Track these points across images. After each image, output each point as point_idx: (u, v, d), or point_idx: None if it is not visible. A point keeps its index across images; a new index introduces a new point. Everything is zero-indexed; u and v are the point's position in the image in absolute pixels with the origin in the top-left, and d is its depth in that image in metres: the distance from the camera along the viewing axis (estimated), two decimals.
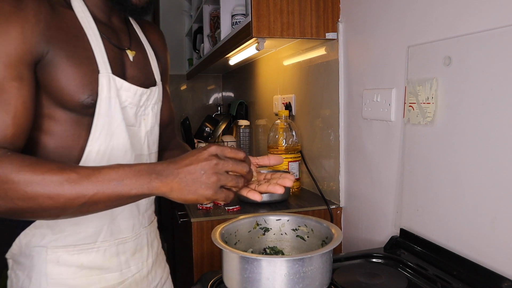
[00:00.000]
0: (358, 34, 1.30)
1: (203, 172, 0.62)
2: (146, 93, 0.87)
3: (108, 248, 0.85)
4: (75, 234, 0.81)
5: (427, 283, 0.85)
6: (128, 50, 0.86)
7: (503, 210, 0.79)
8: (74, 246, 0.81)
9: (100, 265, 0.84)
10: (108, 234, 0.84)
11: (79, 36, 0.76)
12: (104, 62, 0.77)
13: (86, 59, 0.75)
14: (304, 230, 0.93)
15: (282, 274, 0.71)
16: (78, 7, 0.77)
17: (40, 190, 0.61)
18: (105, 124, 0.78)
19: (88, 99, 0.75)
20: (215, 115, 2.90)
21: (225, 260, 0.78)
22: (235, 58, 1.98)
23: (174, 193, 0.63)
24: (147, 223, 0.94)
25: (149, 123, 0.89)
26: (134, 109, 0.85)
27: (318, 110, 1.56)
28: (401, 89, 1.09)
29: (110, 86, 0.78)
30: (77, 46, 0.75)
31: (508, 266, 0.78)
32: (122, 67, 0.84)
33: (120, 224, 0.86)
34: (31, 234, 0.80)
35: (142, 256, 0.92)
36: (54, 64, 0.72)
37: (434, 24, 0.97)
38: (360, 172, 1.32)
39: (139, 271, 0.91)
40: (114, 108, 0.79)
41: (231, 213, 1.36)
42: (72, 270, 0.81)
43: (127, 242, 0.88)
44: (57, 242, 0.80)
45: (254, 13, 1.31)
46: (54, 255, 0.80)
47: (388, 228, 1.17)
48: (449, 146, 0.92)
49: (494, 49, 0.80)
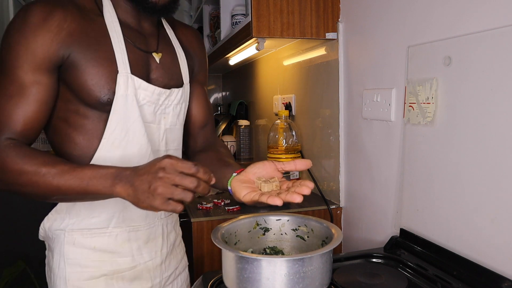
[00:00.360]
0: (358, 34, 1.30)
1: (149, 184, 0.68)
2: (166, 93, 0.91)
3: (120, 234, 0.90)
4: (89, 218, 0.88)
5: (427, 283, 0.85)
6: (154, 53, 0.91)
7: (503, 210, 0.79)
8: (88, 229, 0.88)
9: (112, 249, 0.90)
10: (120, 220, 0.90)
11: (103, 41, 0.83)
12: (124, 63, 0.83)
13: (107, 61, 0.82)
14: (304, 230, 0.93)
15: (282, 274, 0.71)
16: (108, 13, 0.85)
17: (28, 179, 0.75)
18: (121, 119, 0.85)
19: (105, 97, 0.82)
20: (215, 115, 2.90)
21: (225, 260, 0.78)
22: (235, 58, 1.98)
23: (130, 199, 0.71)
24: (163, 215, 0.98)
25: (169, 122, 0.94)
26: (153, 107, 0.90)
27: (318, 110, 1.56)
28: (401, 89, 1.09)
29: (127, 85, 0.84)
30: (98, 50, 0.82)
31: (508, 266, 0.78)
32: (147, 69, 0.89)
33: (132, 212, 0.91)
34: (53, 219, 0.90)
35: (156, 245, 0.96)
36: (75, 66, 0.80)
37: (434, 24, 0.97)
38: (360, 172, 1.31)
39: (151, 259, 0.95)
40: (131, 105, 0.85)
41: (231, 213, 1.36)
42: (85, 251, 0.88)
43: (139, 230, 0.93)
44: (74, 225, 0.88)
45: (254, 13, 1.31)
46: (70, 237, 0.88)
47: (388, 228, 1.17)
48: (449, 146, 0.92)
49: (494, 49, 0.80)
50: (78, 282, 0.88)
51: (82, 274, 0.88)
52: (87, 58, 0.81)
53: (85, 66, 0.80)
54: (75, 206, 0.88)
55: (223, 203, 1.46)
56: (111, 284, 0.90)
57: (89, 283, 0.88)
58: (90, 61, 0.81)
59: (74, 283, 0.87)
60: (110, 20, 0.85)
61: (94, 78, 0.81)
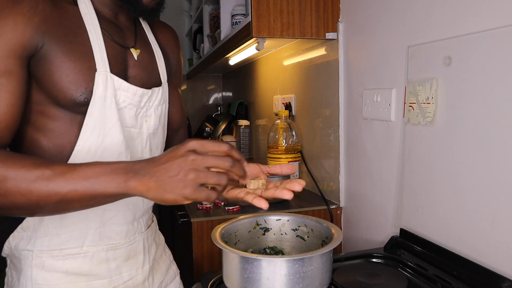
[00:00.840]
0: (358, 34, 1.30)
1: (179, 170, 0.57)
2: (147, 94, 0.83)
3: (96, 253, 0.81)
4: (59, 236, 0.78)
5: (427, 283, 0.85)
6: (132, 49, 0.84)
7: (503, 210, 0.79)
8: (60, 250, 0.78)
9: (87, 272, 0.80)
10: (96, 238, 0.81)
11: (79, 32, 0.74)
12: (102, 60, 0.75)
13: (83, 55, 0.73)
14: (304, 230, 0.93)
15: (282, 274, 0.71)
16: (83, 3, 0.76)
17: (12, 186, 0.59)
18: (98, 123, 0.75)
19: (81, 96, 0.73)
20: (215, 115, 2.90)
21: (225, 260, 0.78)
22: (235, 58, 1.98)
23: (151, 193, 0.59)
24: (143, 229, 0.90)
25: (151, 125, 0.86)
26: (134, 110, 0.82)
27: (318, 110, 1.56)
28: (401, 89, 1.09)
29: (107, 85, 0.75)
30: (74, 42, 0.73)
31: (508, 266, 0.78)
32: (124, 66, 0.82)
33: (111, 229, 0.82)
34: (19, 237, 0.80)
35: (137, 262, 0.87)
36: (48, 59, 0.70)
37: (434, 24, 0.97)
38: (360, 172, 1.31)
39: (131, 278, 0.86)
40: (109, 108, 0.76)
41: (231, 213, 1.36)
42: (56, 275, 0.78)
43: (118, 249, 0.84)
44: (42, 246, 0.78)
45: (254, 13, 1.31)
46: (39, 260, 0.78)
47: (388, 228, 1.17)
48: (449, 146, 0.92)
49: (494, 49, 0.80)
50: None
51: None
52: (62, 50, 0.71)
53: (60, 59, 0.71)
54: (42, 222, 0.78)
55: (223, 203, 1.46)
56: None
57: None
58: (65, 53, 0.71)
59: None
60: (85, 10, 0.76)
61: (70, 74, 0.71)
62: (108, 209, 0.81)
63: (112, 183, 0.59)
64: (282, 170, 0.75)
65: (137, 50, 0.85)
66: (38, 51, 0.70)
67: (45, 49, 0.70)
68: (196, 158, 0.57)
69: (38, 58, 0.70)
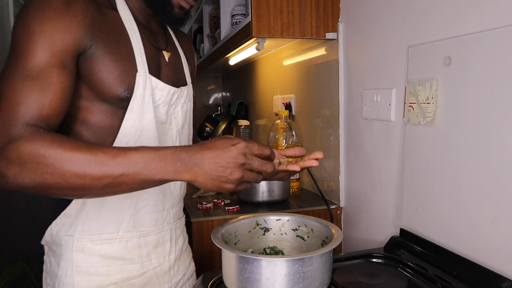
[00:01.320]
0: (358, 34, 1.30)
1: (230, 171, 0.66)
2: (177, 92, 0.92)
3: (130, 239, 0.88)
4: (98, 222, 0.85)
5: (427, 283, 0.85)
6: (164, 51, 0.92)
7: (503, 210, 0.79)
8: (98, 235, 0.85)
9: (122, 256, 0.87)
10: (130, 225, 0.88)
11: (121, 35, 0.82)
12: (142, 62, 0.83)
13: (126, 56, 0.81)
14: (304, 230, 0.93)
15: (282, 274, 0.71)
16: (123, 10, 0.84)
17: (68, 166, 0.63)
18: (136, 119, 0.83)
19: (125, 92, 0.80)
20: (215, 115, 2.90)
21: (225, 260, 0.78)
22: (235, 58, 1.98)
23: (197, 182, 0.67)
24: (172, 219, 0.96)
25: (179, 122, 0.94)
26: (166, 108, 0.90)
27: (318, 110, 1.56)
28: (401, 89, 1.09)
29: (145, 85, 0.83)
30: (118, 43, 0.80)
31: (508, 266, 0.78)
32: (158, 67, 0.89)
33: (143, 217, 0.89)
34: (61, 224, 0.85)
35: (164, 250, 0.94)
36: (96, 58, 0.77)
37: (434, 24, 0.97)
38: (360, 172, 1.31)
39: (160, 265, 0.93)
40: (146, 106, 0.84)
41: (231, 213, 1.36)
42: (95, 259, 0.85)
43: (149, 236, 0.91)
44: (83, 231, 0.85)
45: (254, 13, 1.31)
46: (79, 243, 0.85)
47: (388, 228, 1.17)
48: (449, 146, 0.92)
49: (494, 49, 0.80)
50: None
51: (91, 282, 0.85)
52: (108, 51, 0.78)
53: (107, 59, 0.78)
54: (83, 209, 0.85)
55: (223, 203, 1.46)
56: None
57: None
58: (111, 53, 0.79)
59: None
60: (125, 16, 0.84)
61: (115, 72, 0.79)
62: (141, 198, 0.88)
63: (161, 170, 0.65)
64: (296, 152, 0.91)
65: (168, 53, 0.93)
66: (87, 50, 0.76)
67: (93, 49, 0.77)
68: (244, 162, 0.66)
69: (87, 57, 0.77)
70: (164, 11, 0.86)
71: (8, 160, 0.62)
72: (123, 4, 0.85)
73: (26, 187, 0.63)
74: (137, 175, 0.65)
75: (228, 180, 0.66)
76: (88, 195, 0.67)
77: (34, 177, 0.63)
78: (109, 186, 0.65)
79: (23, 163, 0.62)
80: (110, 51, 0.78)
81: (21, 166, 0.62)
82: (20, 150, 0.63)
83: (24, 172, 0.62)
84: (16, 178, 0.62)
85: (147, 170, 0.65)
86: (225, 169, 0.66)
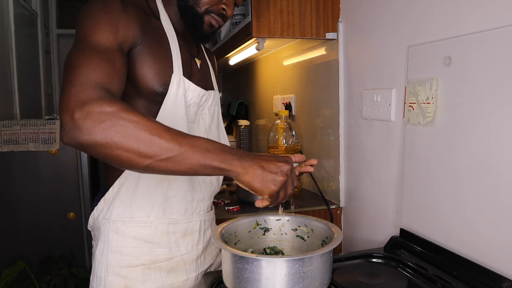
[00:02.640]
0: (358, 34, 1.30)
1: (277, 171, 0.73)
2: (206, 94, 1.01)
3: (160, 225, 0.95)
4: (131, 206, 0.93)
5: (427, 283, 0.85)
6: (196, 59, 1.03)
7: (503, 210, 0.79)
8: (130, 218, 0.93)
9: (152, 239, 0.94)
10: (160, 212, 0.95)
11: (162, 40, 0.92)
12: (178, 65, 0.92)
13: (165, 57, 0.91)
14: (304, 230, 0.93)
15: (282, 274, 0.71)
16: (165, 20, 0.95)
17: (143, 131, 0.66)
18: (168, 116, 0.90)
19: (161, 88, 0.89)
20: None
21: (225, 260, 0.78)
22: (235, 58, 1.98)
23: (246, 177, 0.72)
24: (202, 211, 1.02)
25: (207, 122, 1.03)
26: (196, 108, 0.99)
27: (318, 110, 1.56)
28: (401, 89, 1.09)
29: (179, 86, 0.92)
30: (160, 46, 0.90)
31: (508, 266, 0.78)
32: (190, 70, 0.99)
33: (172, 205, 0.96)
34: (100, 209, 0.94)
35: (193, 240, 1.00)
36: (140, 55, 0.87)
37: (434, 24, 0.97)
38: (360, 172, 1.31)
39: (188, 253, 0.99)
40: (179, 104, 0.92)
41: (231, 213, 1.36)
42: (127, 240, 0.93)
43: (178, 223, 0.97)
44: (118, 215, 0.93)
45: (254, 13, 1.31)
46: (114, 226, 0.93)
47: (388, 228, 1.17)
48: (449, 146, 0.92)
49: (494, 49, 0.80)
50: (117, 269, 0.92)
51: (122, 261, 0.92)
52: (151, 50, 0.88)
53: (149, 57, 0.87)
54: (119, 195, 0.93)
55: (223, 203, 1.46)
56: (148, 274, 0.93)
57: (127, 271, 0.92)
58: (153, 53, 0.88)
59: (114, 269, 0.92)
60: (167, 25, 0.94)
61: (155, 68, 0.88)
62: (171, 187, 0.95)
63: (220, 158, 0.70)
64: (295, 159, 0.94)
65: (199, 60, 1.05)
66: (136, 46, 0.86)
67: (140, 46, 0.87)
68: (290, 175, 0.76)
69: (134, 52, 0.86)
70: (195, 25, 0.96)
71: (87, 114, 0.64)
72: (165, 15, 0.96)
73: (95, 143, 0.64)
74: (201, 155, 0.68)
75: (274, 181, 0.73)
76: (148, 165, 0.67)
77: (107, 135, 0.64)
78: (171, 160, 0.67)
79: (101, 120, 0.64)
80: (152, 51, 0.88)
81: (99, 122, 0.64)
82: (102, 107, 0.65)
83: (99, 128, 0.64)
84: (90, 132, 0.64)
85: (208, 155, 0.69)
86: (275, 171, 0.73)
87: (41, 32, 3.27)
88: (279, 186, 0.73)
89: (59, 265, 1.89)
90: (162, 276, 0.95)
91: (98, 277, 0.93)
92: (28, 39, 3.03)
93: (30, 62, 3.02)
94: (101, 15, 0.79)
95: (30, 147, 1.92)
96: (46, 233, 1.96)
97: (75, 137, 0.64)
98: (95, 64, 0.73)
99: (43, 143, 1.93)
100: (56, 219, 1.97)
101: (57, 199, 1.97)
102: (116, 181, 0.93)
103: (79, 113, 0.64)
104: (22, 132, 1.93)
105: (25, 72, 2.81)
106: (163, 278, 0.95)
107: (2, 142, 1.91)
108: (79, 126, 0.64)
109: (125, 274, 0.92)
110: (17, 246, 1.95)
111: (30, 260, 1.91)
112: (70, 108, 0.65)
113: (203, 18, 0.95)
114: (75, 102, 0.66)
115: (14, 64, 2.57)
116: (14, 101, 2.58)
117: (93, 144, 0.64)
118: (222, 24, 0.98)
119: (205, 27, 0.96)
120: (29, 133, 1.93)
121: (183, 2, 0.95)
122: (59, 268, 1.88)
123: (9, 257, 1.91)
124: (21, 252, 1.94)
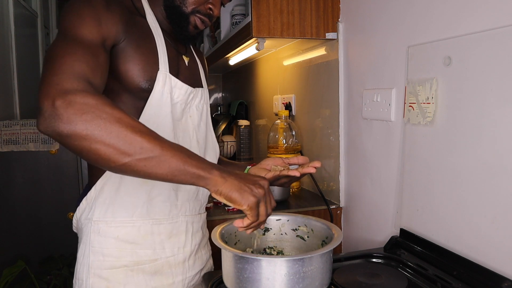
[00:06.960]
0: (358, 34, 1.30)
1: (254, 183, 0.73)
2: (193, 92, 0.99)
3: (143, 225, 0.92)
4: (113, 206, 0.91)
5: (427, 283, 0.85)
6: (184, 56, 1.02)
7: (503, 210, 0.79)
8: (113, 218, 0.91)
9: (134, 240, 0.92)
10: (144, 212, 0.92)
11: (148, 37, 0.91)
12: (164, 62, 0.91)
13: (151, 54, 0.89)
14: (304, 230, 0.93)
15: (282, 274, 0.71)
16: (151, 18, 0.94)
17: (124, 128, 0.64)
18: (153, 113, 0.89)
19: (146, 84, 0.88)
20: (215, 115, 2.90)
21: (225, 260, 0.78)
22: (235, 58, 1.98)
23: (224, 186, 0.70)
24: (187, 212, 1.00)
25: (195, 120, 1.01)
26: (183, 106, 0.97)
27: (318, 110, 1.56)
28: (401, 89, 1.09)
29: (165, 83, 0.90)
30: (145, 42, 0.89)
31: (508, 266, 0.78)
32: (178, 68, 0.98)
33: (156, 205, 0.94)
34: (83, 209, 0.93)
35: (179, 242, 0.97)
36: (125, 51, 0.86)
37: (434, 24, 0.97)
38: (360, 172, 1.31)
39: (173, 255, 0.96)
40: (164, 102, 0.91)
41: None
42: (109, 241, 0.91)
43: (162, 224, 0.95)
44: (100, 215, 0.91)
45: (254, 13, 1.31)
46: (96, 226, 0.91)
47: (388, 228, 1.17)
48: (449, 146, 0.92)
49: (494, 49, 0.80)
50: (99, 271, 0.90)
51: (104, 263, 0.90)
52: (136, 46, 0.87)
53: (134, 52, 0.86)
54: (101, 194, 0.90)
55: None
56: (131, 276, 0.91)
57: (109, 272, 0.90)
58: (139, 49, 0.87)
59: (96, 271, 0.90)
60: (153, 23, 0.93)
61: (140, 64, 0.87)
62: (155, 187, 0.93)
63: (199, 166, 0.68)
64: (299, 161, 0.98)
65: (187, 58, 1.03)
66: (119, 43, 0.85)
67: (124, 42, 0.86)
68: (267, 191, 0.75)
69: (118, 49, 0.85)
70: (180, 25, 0.95)
71: (70, 103, 0.63)
72: (151, 14, 0.95)
73: (74, 134, 0.63)
74: (181, 160, 0.67)
75: (252, 193, 0.71)
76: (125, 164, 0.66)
77: (87, 127, 0.63)
78: (151, 160, 0.65)
79: (84, 111, 0.63)
80: (137, 47, 0.87)
81: (81, 112, 0.63)
82: (85, 99, 0.64)
83: (80, 119, 0.62)
84: (70, 122, 0.62)
85: (191, 160, 0.68)
86: (252, 183, 0.72)
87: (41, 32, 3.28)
88: (258, 197, 0.71)
89: (59, 265, 1.89)
90: (145, 279, 0.92)
91: (80, 279, 0.91)
92: (28, 39, 3.03)
93: (30, 62, 3.02)
94: (85, 10, 0.79)
95: (30, 147, 1.92)
96: (46, 233, 1.96)
97: (54, 125, 0.62)
98: (79, 55, 0.72)
99: (43, 143, 1.94)
100: (56, 219, 1.97)
101: (57, 199, 1.97)
102: (98, 180, 0.90)
103: (61, 101, 0.63)
104: (22, 132, 1.93)
105: (25, 72, 2.81)
106: (146, 281, 0.92)
107: (2, 142, 1.91)
108: (59, 114, 0.62)
109: (106, 276, 0.90)
110: (17, 246, 1.95)
111: (30, 260, 1.92)
112: (51, 95, 0.63)
113: (189, 18, 0.94)
114: (57, 90, 0.64)
115: (14, 64, 2.57)
116: (14, 101, 2.58)
117: (72, 135, 0.63)
118: (208, 24, 0.98)
119: (190, 28, 0.96)
120: (29, 133, 1.93)
121: (169, 2, 0.94)
122: (59, 268, 1.88)
123: (9, 257, 1.92)
124: (21, 252, 1.94)
